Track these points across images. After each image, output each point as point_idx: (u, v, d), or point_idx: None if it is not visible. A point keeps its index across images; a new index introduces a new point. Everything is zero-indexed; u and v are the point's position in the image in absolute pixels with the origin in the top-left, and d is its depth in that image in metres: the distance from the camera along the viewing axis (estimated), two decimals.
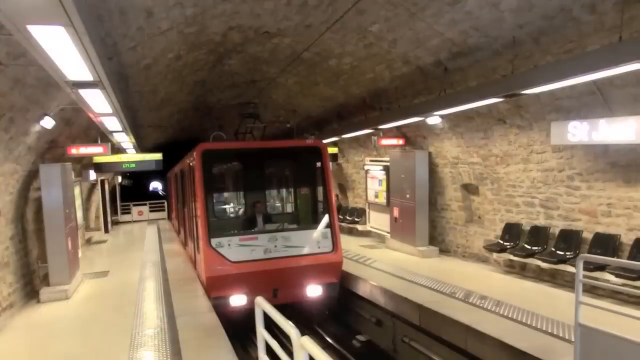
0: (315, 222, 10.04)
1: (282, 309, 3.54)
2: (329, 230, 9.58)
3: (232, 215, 11.52)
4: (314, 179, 10.53)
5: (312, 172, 10.50)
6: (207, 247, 8.73)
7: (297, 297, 9.42)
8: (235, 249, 8.83)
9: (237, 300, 8.73)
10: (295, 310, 9.26)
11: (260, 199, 10.59)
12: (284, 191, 12.18)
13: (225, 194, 11.90)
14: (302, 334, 3.19)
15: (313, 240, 9.44)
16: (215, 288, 8.64)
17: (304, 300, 9.52)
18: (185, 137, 24.00)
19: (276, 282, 8.97)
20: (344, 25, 8.79)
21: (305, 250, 9.26)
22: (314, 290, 9.43)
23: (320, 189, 10.27)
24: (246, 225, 9.83)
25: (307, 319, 9.93)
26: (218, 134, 12.50)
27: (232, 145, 10.49)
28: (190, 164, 10.27)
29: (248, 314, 4.24)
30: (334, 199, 10.09)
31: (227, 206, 11.92)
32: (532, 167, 9.34)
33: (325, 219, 9.72)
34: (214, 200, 10.85)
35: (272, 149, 10.32)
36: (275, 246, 9.07)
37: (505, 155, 9.86)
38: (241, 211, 11.30)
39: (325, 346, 9.43)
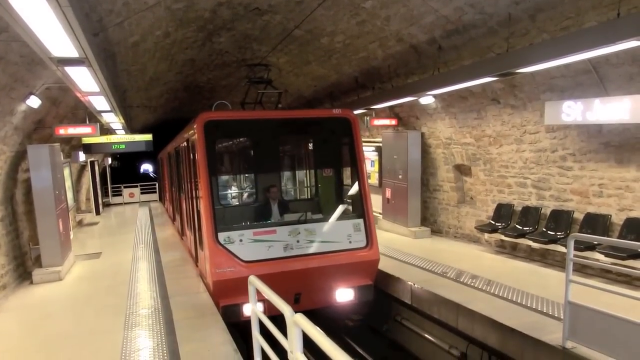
0: (344, 210, 8.53)
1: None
2: (361, 221, 8.00)
3: (243, 202, 9.77)
4: (342, 158, 8.89)
5: (340, 148, 8.87)
6: (214, 244, 7.22)
7: (323, 303, 8.01)
8: (249, 246, 7.36)
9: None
10: (319, 316, 8.03)
11: (277, 182, 8.96)
12: (305, 173, 10.24)
13: (234, 177, 10.15)
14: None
15: (343, 233, 7.87)
16: (225, 294, 7.17)
17: (332, 306, 8.17)
18: (175, 118, 23.76)
19: (299, 285, 7.58)
20: (336, 1, 8.63)
21: (334, 246, 7.73)
22: (344, 295, 7.97)
23: (350, 170, 8.64)
24: (260, 215, 8.34)
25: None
26: (222, 103, 10.08)
27: (242, 116, 8.38)
28: (189, 139, 8.59)
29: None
30: (366, 182, 8.31)
31: (236, 191, 10.17)
32: (525, 147, 9.33)
33: (358, 207, 8.20)
34: (221, 185, 9.13)
35: (291, 120, 8.48)
36: (298, 241, 7.58)
37: (498, 136, 9.84)
38: (253, 198, 9.50)
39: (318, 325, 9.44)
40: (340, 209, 8.57)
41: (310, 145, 9.57)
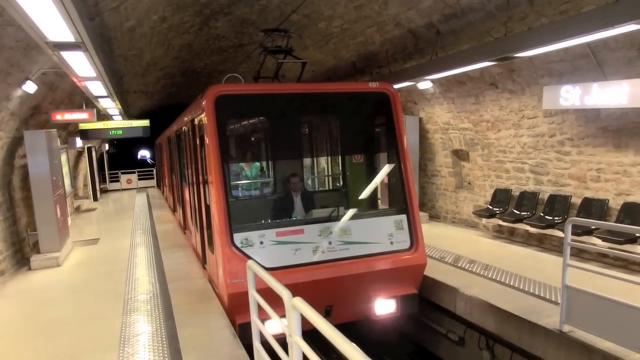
0: (383, 205, 7.42)
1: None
2: (404, 217, 6.80)
3: (261, 195, 8.42)
4: (380, 141, 7.68)
5: (377, 129, 7.70)
6: (229, 248, 5.97)
7: (359, 316, 6.85)
8: (271, 249, 6.11)
9: (275, 326, 5.20)
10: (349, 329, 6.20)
11: (299, 170, 7.72)
12: (334, 158, 8.82)
13: (250, 164, 8.78)
14: None
15: (383, 232, 6.65)
16: (243, 310, 5.47)
17: (369, 320, 6.97)
18: (172, 104, 23.68)
19: (331, 295, 6.39)
20: None
21: (373, 248, 6.52)
22: (384, 306, 6.78)
23: (388, 156, 7.35)
24: (283, 210, 7.05)
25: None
26: (233, 76, 8.45)
27: (260, 89, 6.95)
28: (196, 119, 7.34)
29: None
30: (410, 170, 7.02)
31: (254, 182, 8.80)
32: (522, 132, 9.33)
33: (399, 201, 6.97)
34: (235, 174, 8.01)
35: (319, 95, 7.16)
36: (330, 243, 6.34)
37: (496, 121, 9.82)
38: (272, 189, 8.15)
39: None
40: (378, 203, 7.55)
41: (342, 125, 8.03)
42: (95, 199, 19.82)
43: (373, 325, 7.63)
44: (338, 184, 8.58)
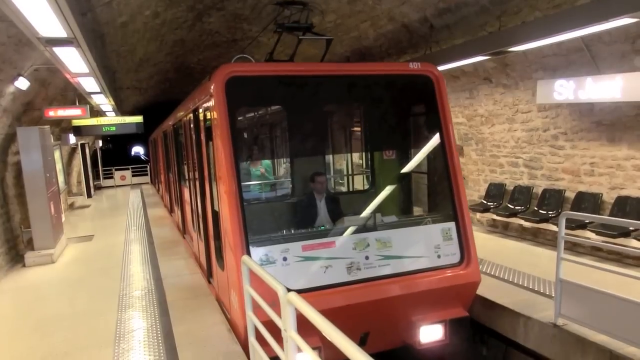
0: (427, 211, 6.39)
1: None
2: (452, 225, 5.70)
3: (279, 199, 7.29)
4: (421, 133, 6.59)
5: (418, 119, 6.66)
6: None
7: (399, 343, 5.77)
8: (297, 267, 5.03)
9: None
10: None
11: (325, 168, 6.65)
12: (368, 154, 7.49)
13: (268, 161, 7.70)
14: None
15: (429, 244, 5.56)
16: (263, 342, 4.32)
17: (411, 348, 5.73)
18: (165, 100, 23.58)
19: (369, 321, 5.30)
20: None
21: (417, 264, 5.44)
22: (429, 333, 5.60)
23: (433, 150, 6.18)
24: (308, 218, 5.98)
25: None
26: (243, 57, 6.89)
27: (281, 70, 5.70)
28: (200, 108, 6.13)
29: None
30: (458, 168, 5.89)
31: (271, 182, 7.70)
32: (517, 126, 9.35)
33: (446, 205, 5.87)
34: (246, 173, 6.97)
35: (349, 78, 5.88)
36: (367, 258, 5.25)
37: (490, 115, 9.84)
38: (292, 191, 6.98)
39: None
40: (420, 208, 6.66)
41: (376, 114, 6.85)
42: (89, 195, 19.76)
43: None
44: (372, 185, 7.40)
